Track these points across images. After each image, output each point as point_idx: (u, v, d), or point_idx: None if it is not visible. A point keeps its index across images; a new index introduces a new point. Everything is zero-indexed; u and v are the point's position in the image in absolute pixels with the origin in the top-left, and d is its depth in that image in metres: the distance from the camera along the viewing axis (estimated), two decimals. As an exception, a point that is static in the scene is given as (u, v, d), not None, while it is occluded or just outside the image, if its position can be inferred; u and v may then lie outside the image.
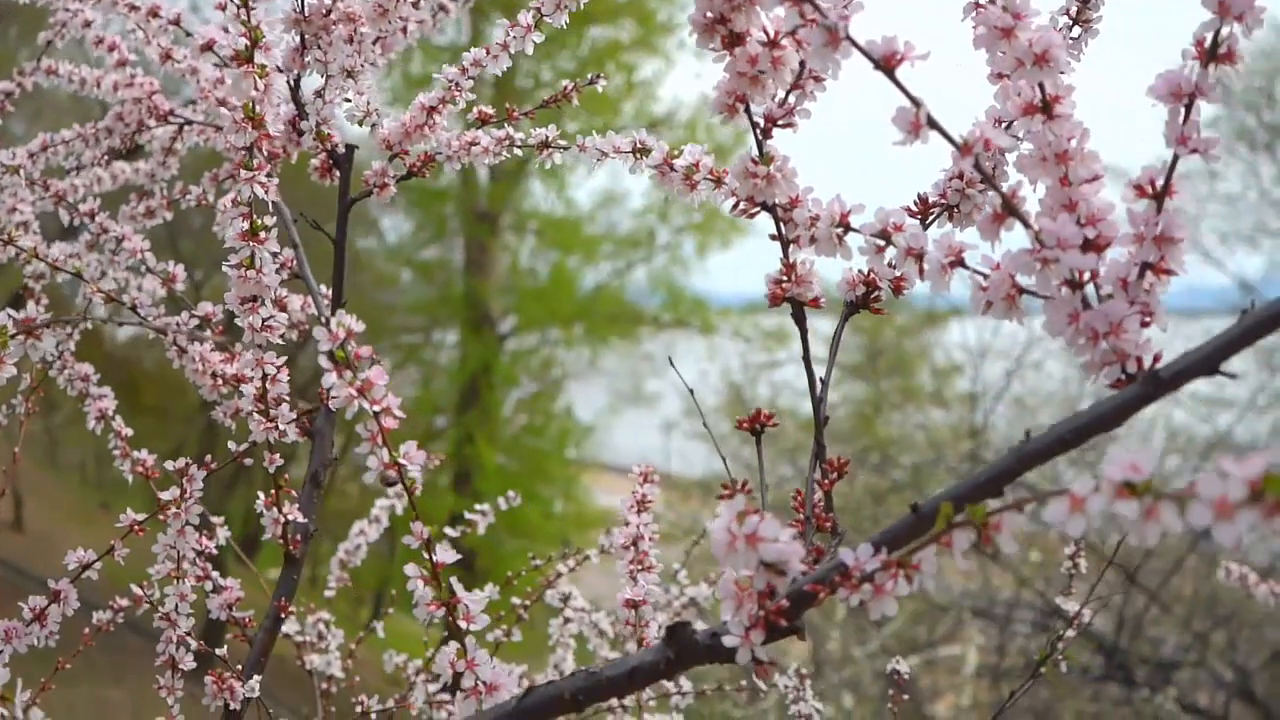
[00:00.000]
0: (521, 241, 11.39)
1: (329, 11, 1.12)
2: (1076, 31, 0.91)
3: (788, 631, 0.66)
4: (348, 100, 1.19)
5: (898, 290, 0.83)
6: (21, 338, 1.07)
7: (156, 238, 1.51)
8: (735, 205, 0.81)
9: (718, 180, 0.91)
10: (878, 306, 0.85)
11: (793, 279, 0.81)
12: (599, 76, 1.23)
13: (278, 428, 1.04)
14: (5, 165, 1.41)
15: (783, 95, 0.79)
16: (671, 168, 0.93)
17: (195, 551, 1.11)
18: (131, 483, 1.19)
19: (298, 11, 1.12)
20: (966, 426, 8.06)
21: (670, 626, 0.70)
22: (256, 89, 0.97)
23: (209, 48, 1.08)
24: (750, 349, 10.46)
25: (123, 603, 1.18)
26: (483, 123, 1.23)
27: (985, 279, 0.70)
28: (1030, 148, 0.69)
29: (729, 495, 0.67)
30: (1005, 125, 0.77)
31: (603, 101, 9.92)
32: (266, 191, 0.98)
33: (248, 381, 1.04)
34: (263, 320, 1.00)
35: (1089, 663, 6.14)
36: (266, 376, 1.03)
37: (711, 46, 0.74)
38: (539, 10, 1.15)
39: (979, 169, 0.66)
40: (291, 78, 1.17)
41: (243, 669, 1.13)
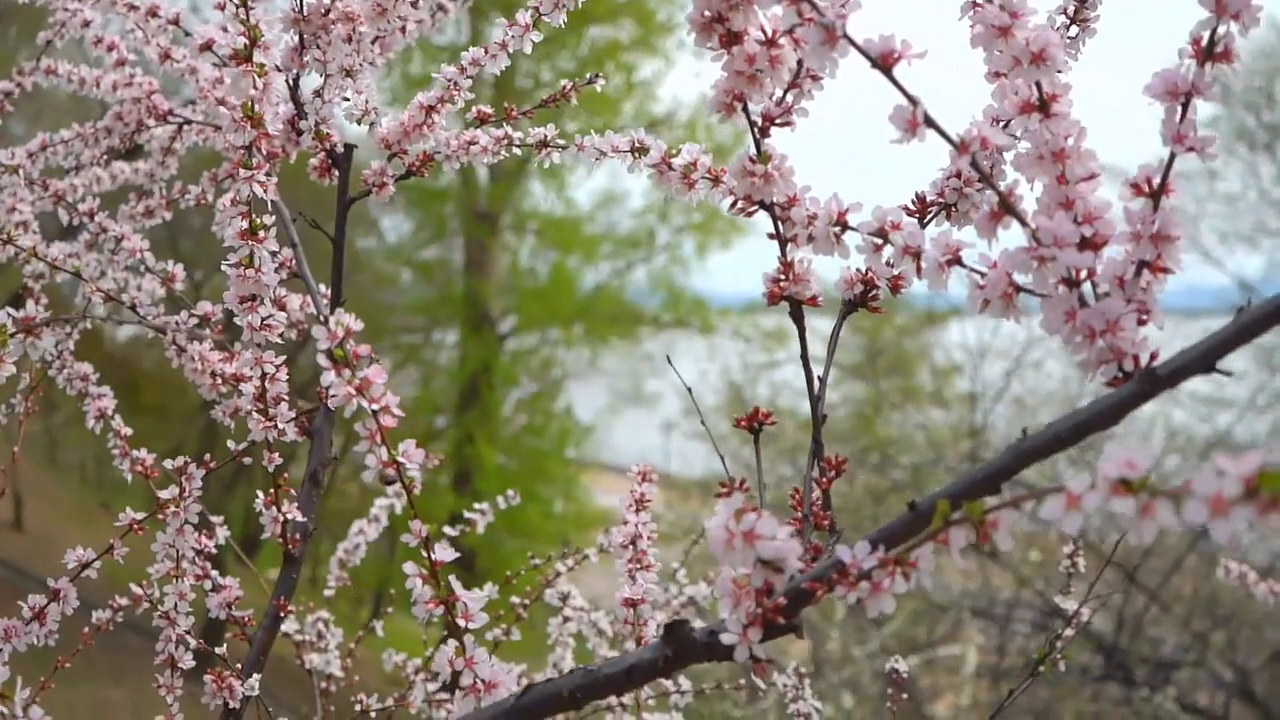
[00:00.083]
0: (521, 241, 11.40)
1: (328, 11, 1.12)
2: (1074, 31, 0.91)
3: (785, 629, 0.66)
4: (346, 99, 1.19)
5: (895, 289, 0.83)
6: (21, 336, 1.07)
7: (156, 238, 1.51)
8: (733, 204, 0.81)
9: (715, 179, 0.91)
10: (875, 305, 0.85)
11: (790, 277, 0.81)
12: (597, 76, 1.23)
13: (276, 426, 1.04)
14: (5, 165, 1.42)
15: (780, 94, 0.79)
16: (669, 167, 0.94)
17: (194, 550, 1.11)
18: (131, 482, 1.19)
19: (296, 11, 1.12)
20: (966, 426, 8.06)
21: (668, 624, 0.71)
22: (255, 88, 0.97)
23: (208, 47, 1.08)
24: (750, 349, 10.47)
25: (122, 602, 1.18)
26: (481, 122, 1.23)
27: (982, 277, 0.70)
28: (1028, 146, 0.69)
29: (726, 493, 0.67)
30: (1003, 124, 0.78)
31: (602, 101, 9.92)
32: (265, 190, 0.98)
33: (246, 380, 1.04)
34: (261, 319, 1.00)
35: (1089, 662, 6.14)
36: (265, 375, 1.03)
37: (709, 45, 0.74)
38: (537, 9, 1.15)
39: (976, 167, 0.66)
40: (290, 77, 1.17)
41: (242, 668, 1.13)
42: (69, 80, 1.48)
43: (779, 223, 0.81)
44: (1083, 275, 0.65)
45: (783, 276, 0.81)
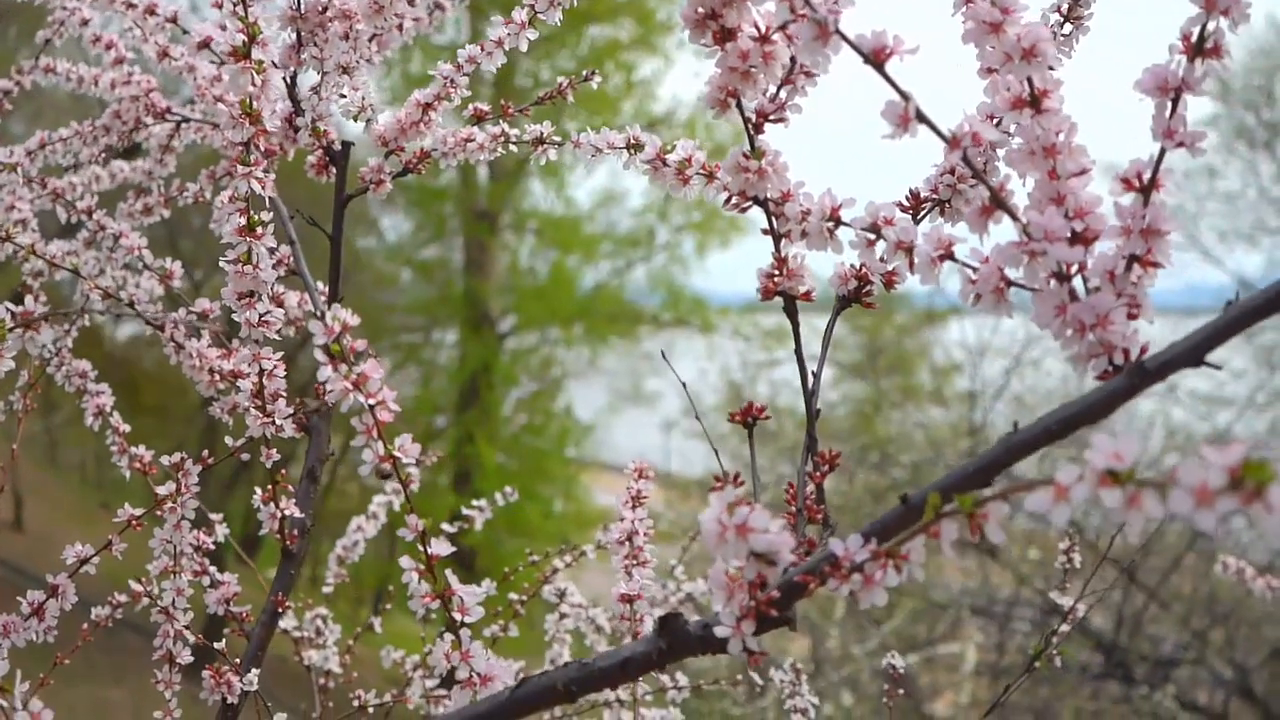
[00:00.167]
0: (521, 241, 11.40)
1: (325, 8, 1.13)
2: (1068, 28, 0.91)
3: (779, 622, 0.67)
4: (343, 97, 1.19)
5: (889, 284, 0.84)
6: (20, 331, 1.07)
7: (156, 238, 1.51)
8: (728, 199, 0.82)
9: (710, 175, 0.92)
10: (870, 301, 0.85)
11: (784, 273, 0.81)
12: (594, 74, 1.24)
13: (274, 423, 1.05)
14: (3, 163, 1.42)
15: (774, 90, 0.79)
16: (664, 163, 0.94)
17: (192, 546, 1.11)
18: (129, 480, 1.20)
19: (294, 9, 1.12)
20: (966, 425, 8.06)
21: (662, 618, 0.71)
22: (253, 85, 0.98)
23: (206, 45, 1.08)
24: (749, 348, 10.48)
25: (121, 598, 1.18)
26: (478, 120, 1.24)
27: (974, 272, 0.70)
28: (1020, 142, 0.70)
29: (720, 487, 0.68)
30: (995, 120, 0.78)
31: (602, 100, 9.93)
32: (263, 187, 0.98)
33: (244, 377, 1.05)
34: (259, 315, 1.01)
35: (1088, 661, 6.15)
36: (263, 372, 1.04)
37: (703, 42, 0.74)
38: (532, 7, 1.15)
39: (967, 162, 0.66)
40: (288, 75, 1.17)
41: (240, 663, 1.13)
42: (68, 79, 1.48)
43: (773, 218, 0.81)
44: (1073, 270, 0.66)
45: (777, 272, 0.82)
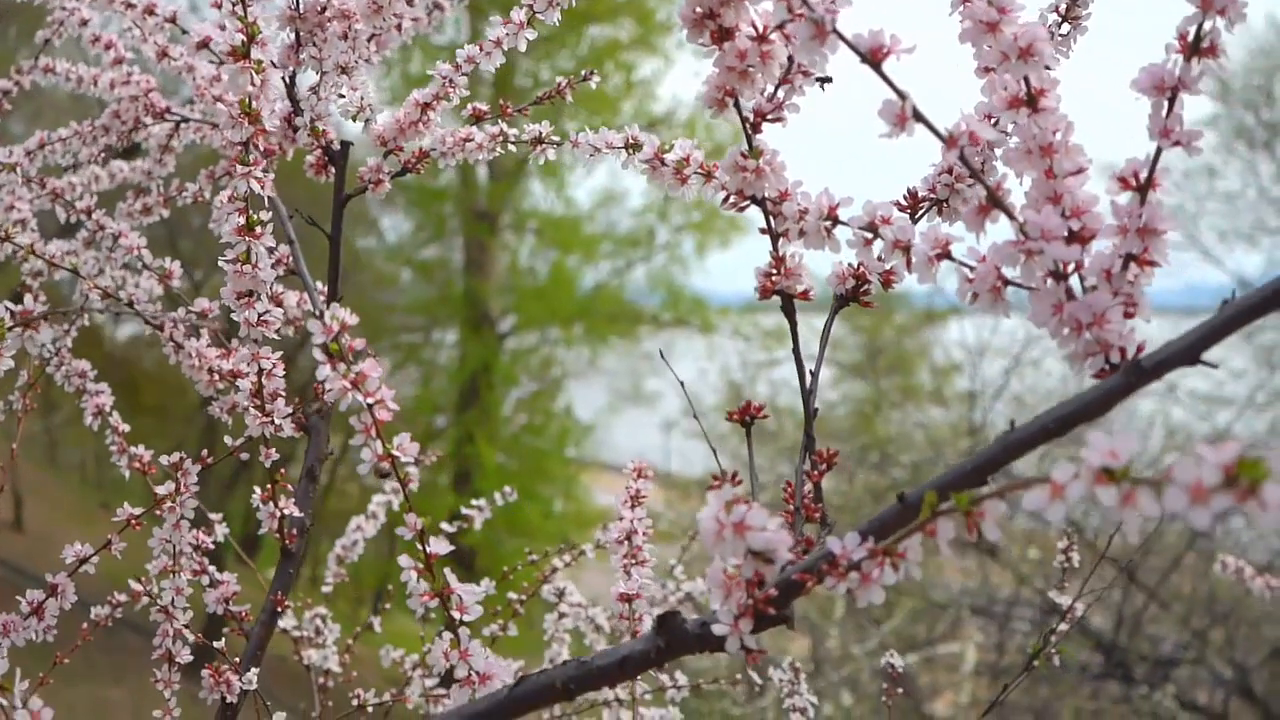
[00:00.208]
0: (521, 241, 11.40)
1: (324, 8, 1.13)
2: (1066, 28, 0.91)
3: (776, 620, 0.67)
4: (342, 96, 1.19)
5: (887, 283, 0.84)
6: (19, 330, 1.08)
7: (156, 238, 1.51)
8: (725, 199, 0.82)
9: (708, 174, 0.92)
10: (867, 300, 0.85)
11: (782, 272, 0.82)
12: (592, 73, 1.24)
13: (273, 422, 1.05)
14: (3, 163, 1.42)
15: (772, 90, 0.79)
16: (662, 162, 0.94)
17: (191, 546, 1.11)
18: (129, 480, 1.20)
19: (293, 8, 1.13)
20: (966, 425, 8.06)
21: (660, 616, 0.71)
22: (252, 84, 0.98)
23: (205, 45, 1.08)
24: (749, 348, 10.48)
25: (121, 598, 1.19)
26: (477, 119, 1.24)
27: (972, 271, 0.70)
28: (1017, 142, 0.70)
29: (718, 486, 0.68)
30: (993, 120, 0.78)
31: (602, 100, 9.93)
32: (262, 186, 0.98)
33: (243, 376, 1.05)
34: (258, 314, 1.01)
35: (1088, 660, 6.15)
36: (262, 371, 1.04)
37: (701, 41, 0.74)
38: (531, 7, 1.16)
39: (964, 161, 0.66)
40: (287, 75, 1.17)
41: (239, 663, 1.13)
42: (67, 78, 1.48)
43: (771, 217, 0.81)
44: (1070, 269, 0.66)
45: (774, 271, 0.82)
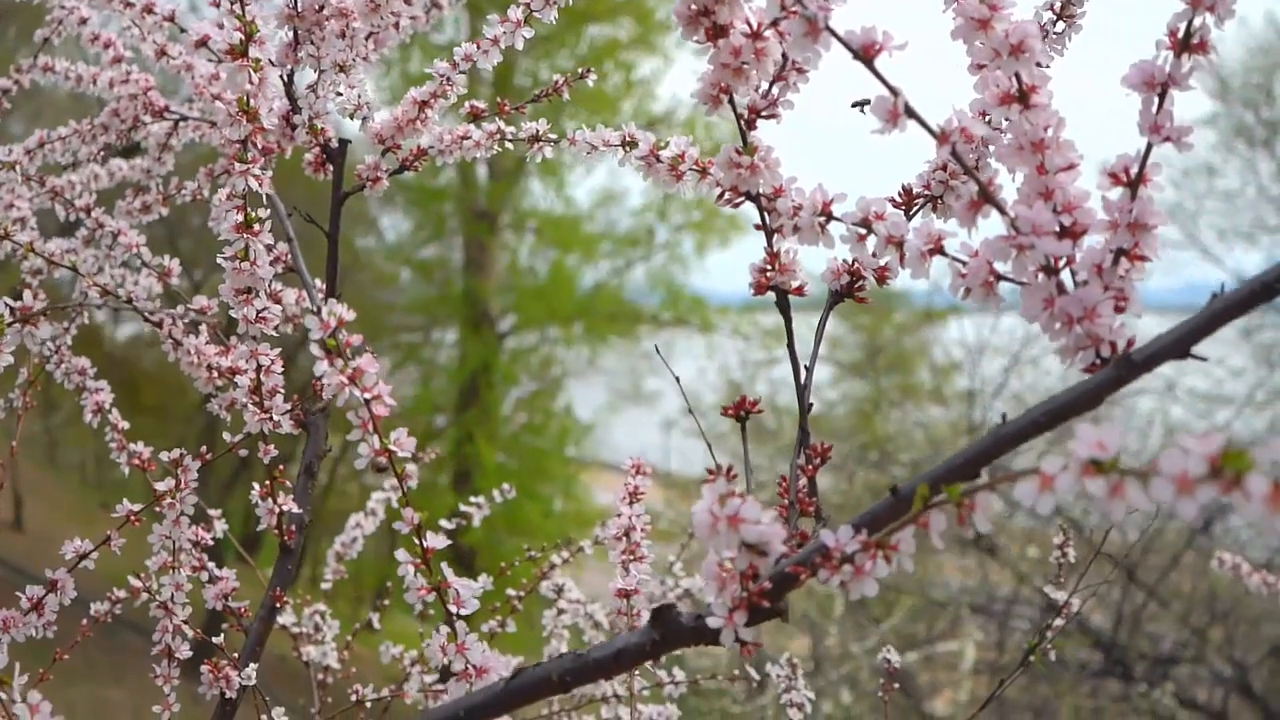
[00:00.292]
0: (520, 240, 11.41)
1: (322, 7, 1.13)
2: (1060, 26, 0.92)
3: (771, 613, 0.67)
4: (340, 95, 1.20)
5: (881, 280, 0.84)
6: (18, 326, 1.08)
7: (156, 237, 1.52)
8: (720, 195, 0.82)
9: (703, 171, 0.92)
10: (862, 296, 0.86)
11: (777, 267, 0.82)
12: (589, 71, 1.24)
13: (271, 419, 1.05)
14: (2, 161, 1.43)
15: (766, 87, 0.80)
16: (658, 159, 0.95)
17: (191, 542, 1.12)
18: (129, 479, 1.20)
19: (291, 7, 1.13)
20: (965, 423, 8.06)
21: (656, 609, 0.72)
22: (250, 83, 0.98)
23: (203, 44, 1.08)
24: (749, 347, 10.49)
25: (120, 594, 1.19)
26: (475, 117, 1.24)
27: (964, 266, 0.71)
28: (1011, 138, 0.70)
29: (713, 480, 0.68)
30: (987, 117, 0.78)
31: (601, 100, 9.94)
32: (260, 184, 0.99)
33: (242, 373, 1.05)
34: (257, 312, 1.01)
35: (1087, 658, 6.16)
36: (261, 368, 1.04)
37: (696, 38, 0.75)
38: (528, 5, 1.16)
39: (956, 157, 0.67)
40: (285, 73, 1.18)
41: (238, 658, 1.14)
42: (66, 77, 1.49)
43: (765, 214, 0.82)
44: (1061, 263, 0.66)
45: (769, 267, 0.82)
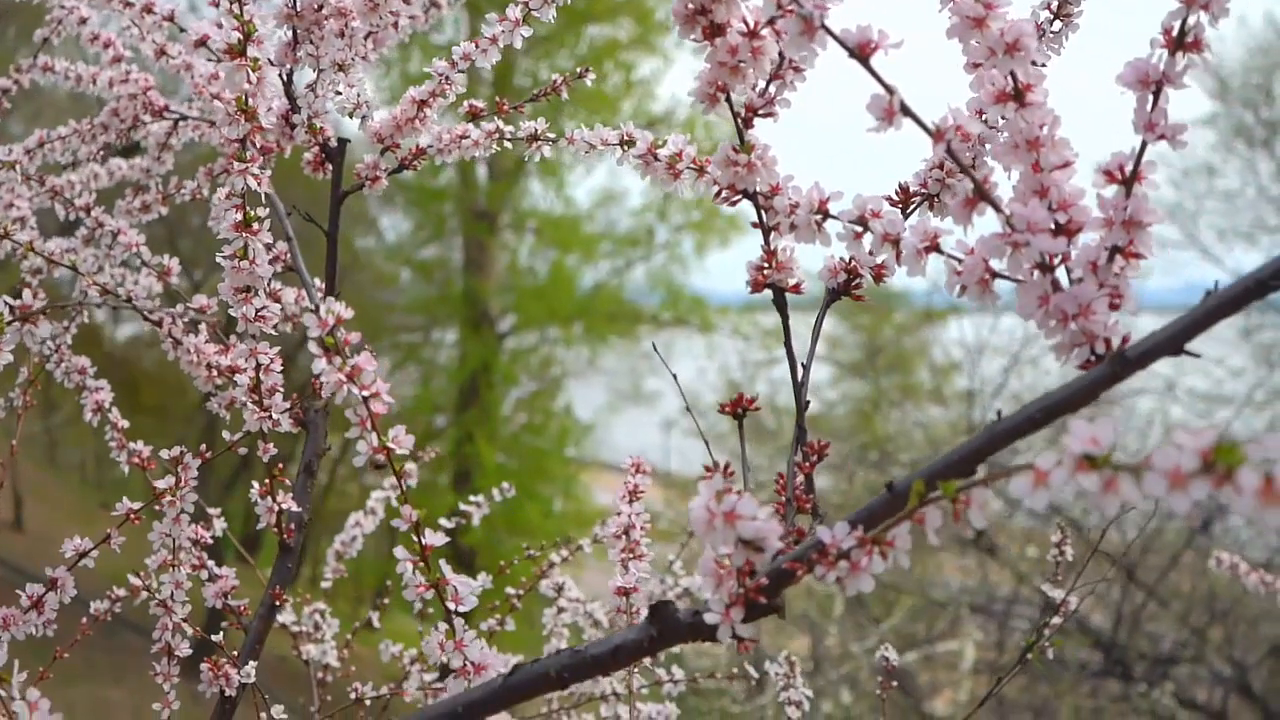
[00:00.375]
0: (520, 240, 11.41)
1: (321, 6, 1.14)
2: (1057, 25, 0.92)
3: (767, 609, 0.67)
4: (339, 94, 1.20)
5: (878, 278, 0.85)
6: (18, 325, 1.08)
7: (156, 237, 1.52)
8: (718, 193, 0.83)
9: (700, 169, 0.93)
10: (859, 294, 0.86)
11: (773, 265, 0.82)
12: (587, 70, 1.24)
13: (271, 417, 1.05)
14: (2, 161, 1.43)
15: (763, 85, 0.80)
16: (655, 157, 0.95)
17: (191, 540, 1.12)
18: (128, 476, 1.20)
19: (290, 7, 1.13)
20: (965, 423, 8.07)
21: (654, 605, 0.72)
22: (249, 82, 0.99)
23: (203, 43, 1.09)
24: (749, 347, 10.50)
25: (120, 593, 1.19)
26: (473, 117, 1.25)
27: (960, 263, 0.71)
28: (1006, 137, 0.71)
29: (710, 476, 0.69)
30: (983, 115, 0.79)
31: (601, 100, 9.95)
32: (259, 183, 0.99)
33: (242, 372, 1.06)
34: (256, 310, 1.01)
35: (1087, 658, 6.16)
36: (260, 366, 1.05)
37: (693, 37, 0.75)
38: (526, 4, 1.16)
39: (952, 155, 0.67)
40: (284, 72, 1.18)
41: (238, 656, 1.14)
42: (66, 77, 1.49)
43: (762, 211, 0.82)
44: (1056, 260, 0.67)
45: (766, 265, 0.83)
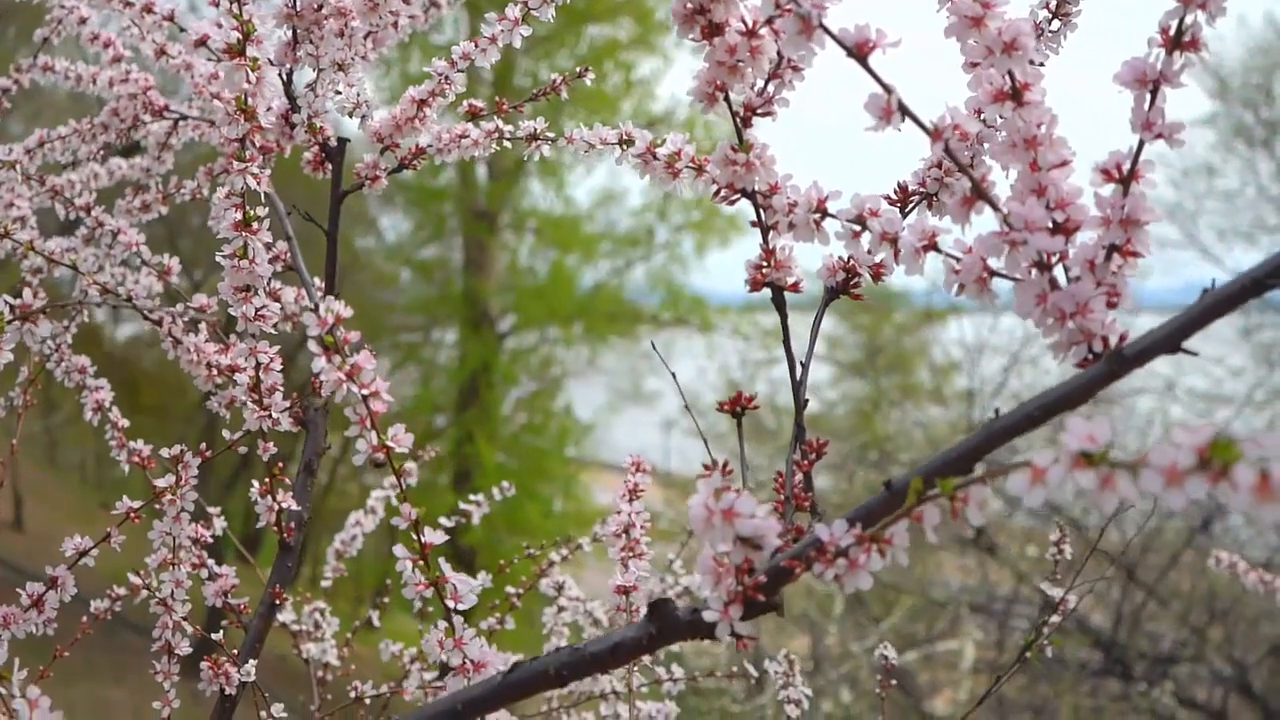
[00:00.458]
0: (520, 240, 11.41)
1: (320, 6, 1.14)
2: (1056, 25, 0.92)
3: (766, 607, 0.68)
4: (338, 93, 1.20)
5: (877, 276, 0.85)
6: (18, 324, 1.08)
7: (156, 237, 1.52)
8: (716, 192, 0.83)
9: (699, 168, 0.93)
10: (857, 292, 0.86)
11: (772, 264, 0.83)
12: (587, 70, 1.25)
13: (270, 416, 1.06)
14: (2, 161, 1.43)
15: (762, 84, 0.80)
16: (654, 156, 0.95)
17: (191, 539, 1.12)
18: (128, 476, 1.21)
19: (290, 6, 1.13)
20: (965, 423, 8.07)
21: (652, 603, 0.72)
22: (249, 81, 0.99)
23: (202, 43, 1.09)
24: (749, 347, 10.50)
25: (120, 591, 1.19)
26: (473, 117, 1.25)
27: (958, 262, 0.71)
28: (1004, 136, 0.71)
29: (708, 474, 0.69)
30: (981, 115, 0.79)
31: (601, 100, 9.94)
32: (259, 183, 0.99)
33: (241, 371, 1.06)
34: (255, 309, 1.02)
35: (1087, 658, 6.16)
36: (260, 365, 1.05)
37: (692, 37, 0.75)
38: (525, 4, 1.17)
39: (950, 154, 0.67)
40: (284, 72, 1.18)
41: (238, 655, 1.14)
42: (66, 77, 1.49)
43: (761, 210, 0.82)
44: (1054, 259, 0.67)
45: (765, 263, 0.83)
